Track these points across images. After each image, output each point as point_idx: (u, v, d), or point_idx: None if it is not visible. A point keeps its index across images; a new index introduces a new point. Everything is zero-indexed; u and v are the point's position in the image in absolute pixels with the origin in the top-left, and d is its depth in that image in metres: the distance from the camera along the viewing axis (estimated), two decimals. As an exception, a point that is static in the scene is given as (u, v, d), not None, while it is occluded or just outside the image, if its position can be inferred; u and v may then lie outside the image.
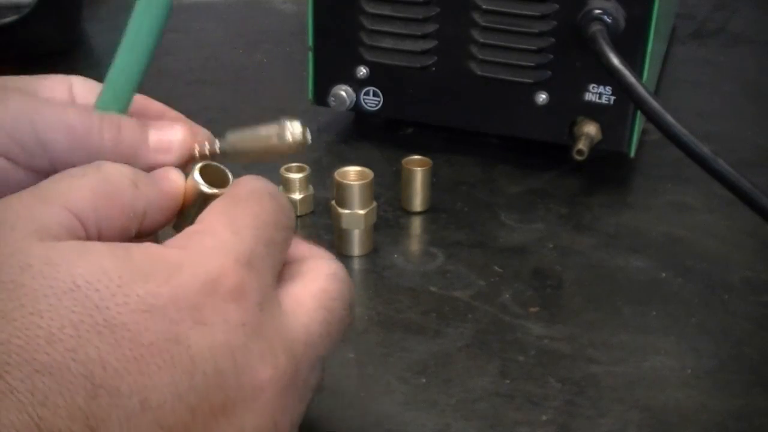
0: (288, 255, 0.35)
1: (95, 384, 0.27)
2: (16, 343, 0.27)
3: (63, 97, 0.38)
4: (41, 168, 0.34)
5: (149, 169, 0.35)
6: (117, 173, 0.32)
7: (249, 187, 0.34)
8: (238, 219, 0.32)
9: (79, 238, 0.30)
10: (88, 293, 0.28)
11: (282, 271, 0.34)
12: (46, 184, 0.31)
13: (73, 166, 0.33)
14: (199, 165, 0.35)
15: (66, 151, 0.34)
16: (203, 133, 0.37)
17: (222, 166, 0.36)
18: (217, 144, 0.37)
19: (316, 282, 0.34)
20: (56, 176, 0.32)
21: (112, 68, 0.36)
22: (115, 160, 0.33)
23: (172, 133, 0.36)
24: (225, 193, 0.34)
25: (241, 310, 0.30)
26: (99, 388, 0.27)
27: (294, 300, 0.33)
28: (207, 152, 0.36)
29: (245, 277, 0.31)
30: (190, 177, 0.35)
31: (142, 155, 0.36)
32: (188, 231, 0.32)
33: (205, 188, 0.34)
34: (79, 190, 0.31)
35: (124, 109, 0.36)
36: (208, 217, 0.32)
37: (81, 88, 0.38)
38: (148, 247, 0.30)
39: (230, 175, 0.35)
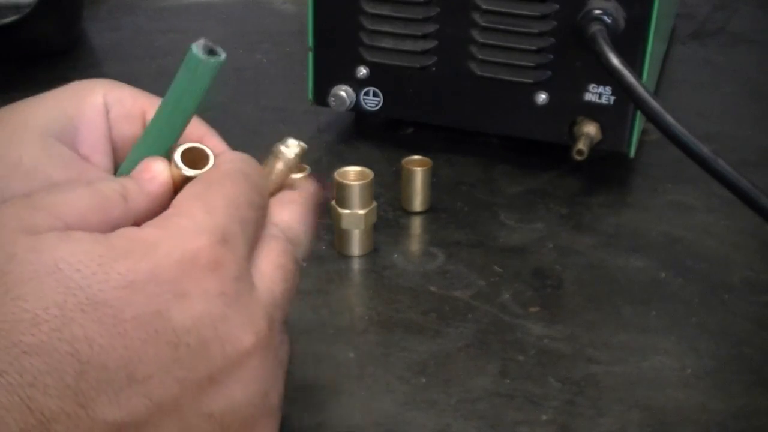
0: None
1: (82, 361, 0.28)
2: (1, 327, 0.27)
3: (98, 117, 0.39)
4: None
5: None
6: (107, 188, 0.33)
7: (223, 169, 0.35)
8: (211, 201, 0.33)
9: None
10: (69, 274, 0.29)
11: None
12: (39, 194, 0.32)
13: None
14: (180, 149, 0.35)
15: None
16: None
17: (204, 147, 0.36)
18: None
19: (263, 247, 0.35)
20: (49, 188, 0.33)
21: (146, 135, 0.36)
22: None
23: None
24: (201, 174, 0.35)
25: (219, 280, 0.31)
26: (86, 364, 0.28)
27: (254, 268, 0.34)
28: None
29: (221, 252, 0.31)
30: (172, 162, 0.35)
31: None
32: (164, 214, 0.33)
33: (187, 172, 0.35)
34: (70, 202, 0.32)
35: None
36: (183, 201, 0.33)
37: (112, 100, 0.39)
38: (125, 231, 0.31)
39: (211, 155, 0.36)
